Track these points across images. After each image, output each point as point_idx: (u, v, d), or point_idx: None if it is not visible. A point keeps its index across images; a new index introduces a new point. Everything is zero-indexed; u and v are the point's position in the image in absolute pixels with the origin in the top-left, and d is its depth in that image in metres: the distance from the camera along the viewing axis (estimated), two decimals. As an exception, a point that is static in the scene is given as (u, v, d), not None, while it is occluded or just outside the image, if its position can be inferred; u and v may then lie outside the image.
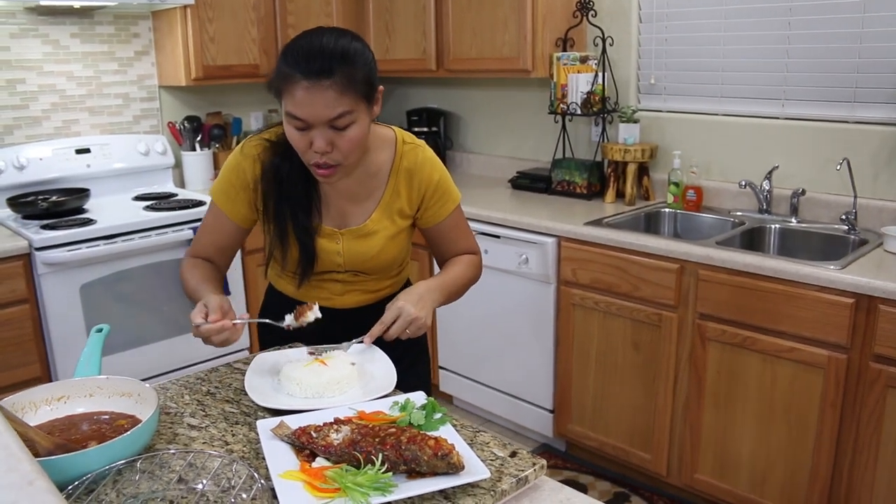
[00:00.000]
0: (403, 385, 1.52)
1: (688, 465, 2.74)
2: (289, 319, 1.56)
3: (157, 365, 3.15)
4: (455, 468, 1.12)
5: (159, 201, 3.37)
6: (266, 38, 3.67)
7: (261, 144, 1.67)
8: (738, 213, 3.04)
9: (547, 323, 3.08)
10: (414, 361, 1.90)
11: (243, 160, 1.67)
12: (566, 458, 3.21)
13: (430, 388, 2.01)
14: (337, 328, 1.72)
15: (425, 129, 4.15)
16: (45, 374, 2.90)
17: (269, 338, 1.85)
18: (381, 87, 1.57)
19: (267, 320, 1.61)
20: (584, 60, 3.35)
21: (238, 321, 1.48)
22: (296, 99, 1.45)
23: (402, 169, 1.70)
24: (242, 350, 3.39)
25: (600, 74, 3.33)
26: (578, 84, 3.32)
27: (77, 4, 3.14)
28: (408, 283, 1.91)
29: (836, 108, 2.85)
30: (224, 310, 1.49)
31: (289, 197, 1.65)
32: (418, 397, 1.35)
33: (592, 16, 3.36)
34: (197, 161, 3.73)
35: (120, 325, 3.01)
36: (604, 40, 3.33)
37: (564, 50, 3.37)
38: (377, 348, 1.61)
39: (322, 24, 4.04)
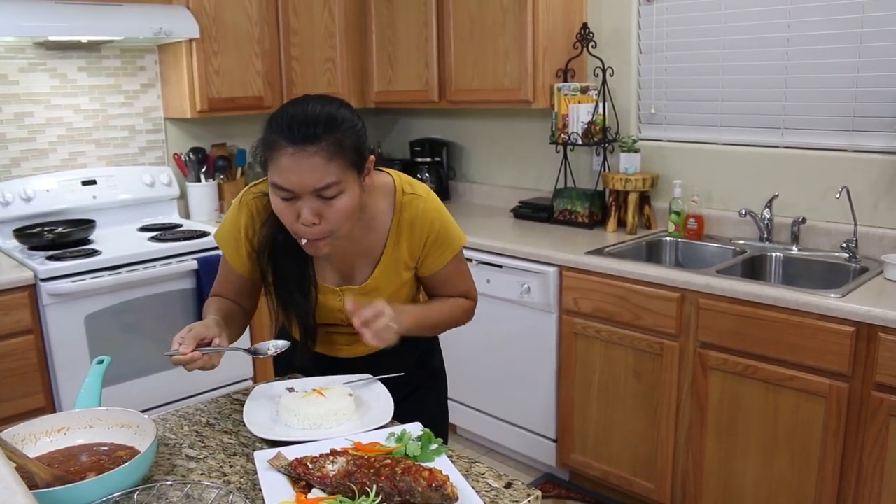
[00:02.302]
0: (418, 414, 1.51)
1: (691, 495, 2.73)
2: (260, 348, 1.56)
3: (161, 395, 3.16)
4: (449, 499, 1.13)
5: (164, 232, 3.40)
6: (270, 70, 3.72)
7: (260, 199, 1.63)
8: (740, 242, 3.05)
9: (549, 352, 3.08)
10: (428, 391, 1.89)
11: (240, 214, 1.65)
12: (570, 488, 3.19)
13: (446, 416, 2.00)
14: (346, 373, 1.71)
15: (428, 159, 4.19)
16: (49, 405, 2.91)
17: (280, 366, 1.87)
18: (372, 157, 1.52)
19: (239, 348, 1.60)
20: (584, 91, 3.39)
21: (208, 350, 1.45)
22: (281, 167, 1.40)
23: (402, 221, 1.64)
24: (245, 381, 3.40)
25: (601, 104, 3.36)
26: (579, 114, 3.35)
27: (84, 39, 3.20)
28: None
29: (834, 136, 2.87)
30: (200, 337, 1.46)
31: (285, 275, 1.62)
32: (414, 428, 1.36)
33: (592, 46, 3.40)
34: (202, 192, 3.77)
35: (124, 355, 3.02)
36: (604, 71, 3.37)
37: (565, 80, 3.41)
38: (377, 381, 1.62)
39: (326, 56, 4.11)
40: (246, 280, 1.72)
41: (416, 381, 1.83)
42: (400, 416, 1.51)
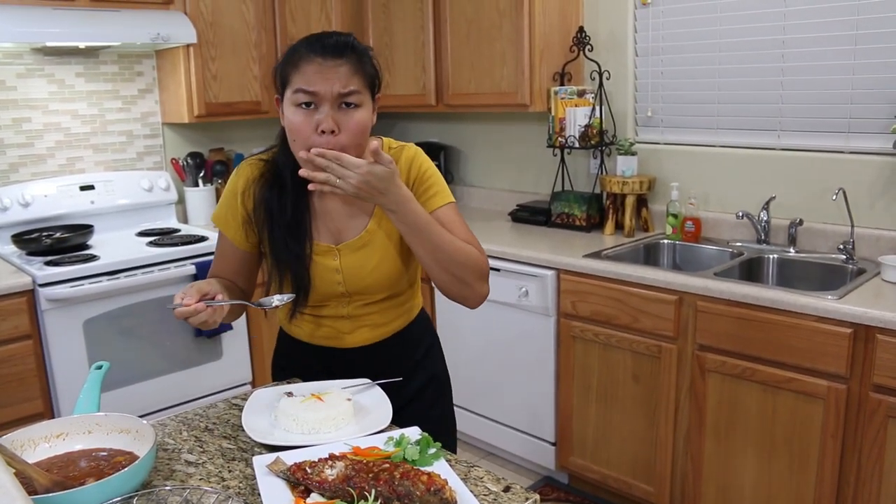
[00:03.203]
0: (425, 424, 1.48)
1: (690, 498, 2.73)
2: (265, 301, 1.55)
3: (159, 400, 3.15)
4: (448, 503, 1.13)
5: (162, 237, 3.40)
6: (267, 75, 3.72)
7: (254, 167, 1.68)
8: (737, 244, 3.06)
9: (547, 355, 3.08)
10: (434, 402, 1.87)
11: (237, 187, 1.69)
12: (569, 491, 3.19)
13: (453, 425, 1.97)
14: (349, 370, 1.70)
15: (426, 163, 4.18)
16: (48, 410, 2.91)
17: (281, 374, 1.86)
18: (378, 96, 1.60)
19: (241, 301, 1.61)
20: (581, 94, 3.40)
21: (212, 303, 1.46)
22: (308, 75, 1.48)
23: None
24: (244, 385, 3.40)
25: (598, 108, 3.37)
26: (576, 117, 3.36)
27: (82, 45, 3.20)
28: (421, 317, 1.86)
29: (830, 138, 2.88)
30: (203, 292, 1.47)
31: (280, 224, 1.63)
32: (413, 432, 1.36)
33: (589, 50, 3.41)
34: (200, 197, 3.77)
35: (122, 360, 3.02)
36: (600, 74, 3.38)
37: (562, 84, 3.42)
38: (376, 385, 1.62)
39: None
40: (242, 255, 1.72)
41: (419, 385, 1.82)
42: (405, 426, 1.48)
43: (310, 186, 1.45)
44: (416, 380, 1.80)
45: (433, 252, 1.56)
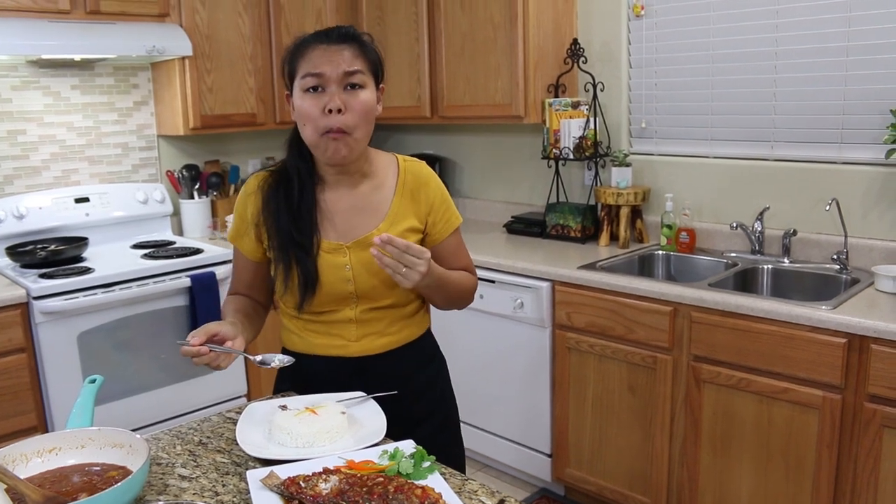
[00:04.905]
0: (435, 448, 1.41)
1: (687, 509, 2.73)
2: (266, 358, 1.59)
3: (154, 413, 3.14)
4: (442, 517, 1.13)
5: (157, 249, 3.39)
6: (263, 87, 3.73)
7: (261, 176, 1.73)
8: (731, 255, 3.07)
9: (543, 367, 3.08)
10: (443, 425, 1.86)
11: (246, 194, 1.73)
12: (565, 503, 3.18)
13: (461, 448, 1.97)
14: (354, 381, 1.69)
15: (421, 174, 4.19)
16: (42, 424, 2.90)
17: (284, 386, 1.84)
18: (382, 86, 1.68)
19: (247, 355, 1.60)
20: (575, 106, 3.41)
21: (218, 349, 1.49)
22: (314, 58, 1.57)
23: (406, 183, 1.73)
24: (239, 398, 3.39)
25: (592, 119, 3.38)
26: (571, 129, 3.37)
27: (78, 57, 3.21)
28: (431, 338, 1.88)
29: (823, 149, 2.89)
30: (212, 333, 1.51)
31: (286, 216, 1.66)
32: (407, 446, 1.36)
33: (583, 62, 3.42)
34: (195, 209, 3.77)
35: (117, 373, 3.01)
36: (594, 86, 3.39)
37: (556, 96, 3.43)
38: (370, 399, 1.61)
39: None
40: (255, 267, 1.77)
41: (427, 410, 1.81)
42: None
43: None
44: (424, 402, 1.80)
45: (440, 294, 1.72)
